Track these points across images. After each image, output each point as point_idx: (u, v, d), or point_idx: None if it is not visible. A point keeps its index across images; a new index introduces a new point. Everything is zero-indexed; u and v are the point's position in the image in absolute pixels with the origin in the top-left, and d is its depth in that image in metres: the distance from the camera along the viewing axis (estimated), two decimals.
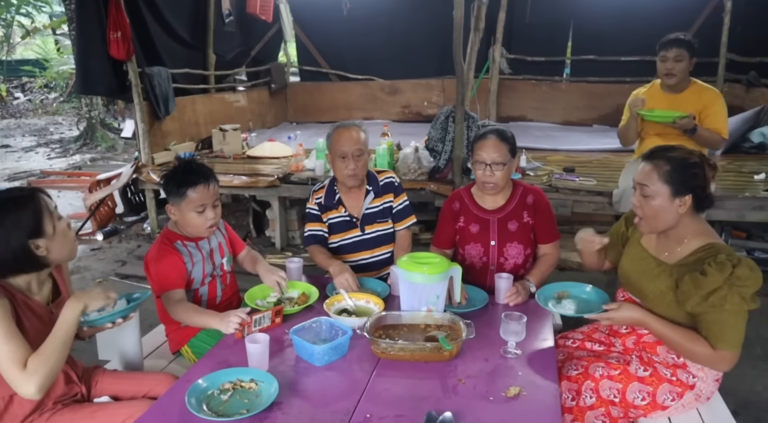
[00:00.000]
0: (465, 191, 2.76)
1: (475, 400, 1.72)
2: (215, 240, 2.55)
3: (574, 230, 4.99)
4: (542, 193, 2.71)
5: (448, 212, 2.76)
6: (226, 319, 2.10)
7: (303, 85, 8.80)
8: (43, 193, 1.82)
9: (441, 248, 2.77)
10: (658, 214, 1.97)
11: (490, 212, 2.66)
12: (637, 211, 2.04)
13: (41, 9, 14.28)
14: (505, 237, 2.63)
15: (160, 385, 2.03)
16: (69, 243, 1.86)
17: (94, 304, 1.79)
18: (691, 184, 1.92)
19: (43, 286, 1.90)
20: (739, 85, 6.53)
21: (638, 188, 2.01)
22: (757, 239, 4.63)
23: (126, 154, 9.81)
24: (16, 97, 16.28)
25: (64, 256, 1.87)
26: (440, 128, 4.85)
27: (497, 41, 7.24)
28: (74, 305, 1.75)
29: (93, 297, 1.79)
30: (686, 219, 1.97)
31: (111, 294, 1.85)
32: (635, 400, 1.99)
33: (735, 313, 1.85)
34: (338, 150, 2.71)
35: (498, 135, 2.56)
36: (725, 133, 3.39)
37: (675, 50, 3.33)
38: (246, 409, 1.66)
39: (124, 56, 5.09)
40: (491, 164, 2.52)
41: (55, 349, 1.70)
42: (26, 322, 1.77)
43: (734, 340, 1.87)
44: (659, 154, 1.99)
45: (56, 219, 1.81)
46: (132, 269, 4.87)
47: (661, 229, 2.02)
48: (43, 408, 1.87)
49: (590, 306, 2.13)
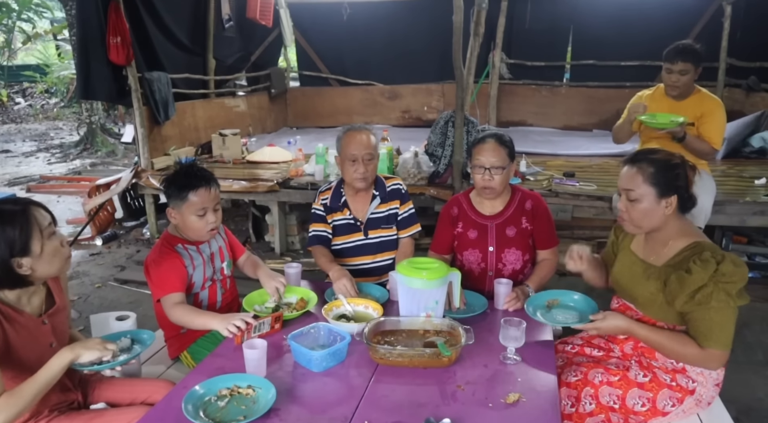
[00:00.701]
0: (463, 196, 2.75)
1: (474, 406, 1.70)
2: (216, 244, 2.54)
3: (574, 235, 5.00)
4: (541, 199, 2.70)
5: (446, 217, 2.75)
6: (226, 321, 2.10)
7: (303, 90, 8.82)
8: (37, 208, 1.75)
9: (439, 253, 2.76)
10: (645, 217, 1.98)
11: (489, 218, 2.65)
12: (623, 215, 2.05)
13: (42, 14, 14.36)
14: (504, 243, 2.62)
15: (157, 391, 2.01)
16: (58, 261, 1.78)
17: (87, 356, 1.74)
18: (675, 185, 1.94)
19: (34, 296, 1.86)
20: (739, 90, 6.54)
21: (623, 193, 2.02)
22: (758, 244, 4.62)
23: (126, 159, 9.81)
24: (17, 102, 16.31)
25: (51, 274, 1.80)
26: (440, 133, 4.85)
27: (497, 46, 7.25)
28: (65, 356, 1.72)
29: (88, 348, 1.75)
30: (672, 220, 1.99)
31: (109, 346, 1.79)
32: (635, 407, 1.98)
33: (721, 309, 1.84)
34: (348, 153, 2.70)
35: (497, 139, 2.56)
36: (717, 144, 3.43)
37: (681, 64, 3.34)
38: (243, 415, 1.65)
39: (123, 61, 5.09)
40: (490, 168, 2.51)
41: (30, 393, 1.66)
42: (14, 338, 1.74)
43: (722, 338, 1.86)
44: (641, 157, 2.01)
45: (46, 237, 1.74)
46: (131, 274, 4.85)
47: (647, 230, 2.03)
48: (39, 416, 1.86)
49: (579, 316, 2.13)
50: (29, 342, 1.75)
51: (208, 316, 2.23)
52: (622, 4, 7.16)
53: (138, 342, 2.04)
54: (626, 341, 2.13)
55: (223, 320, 2.12)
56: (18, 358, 1.75)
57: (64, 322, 1.98)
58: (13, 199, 1.79)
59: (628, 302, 2.13)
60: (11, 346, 1.72)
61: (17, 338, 1.75)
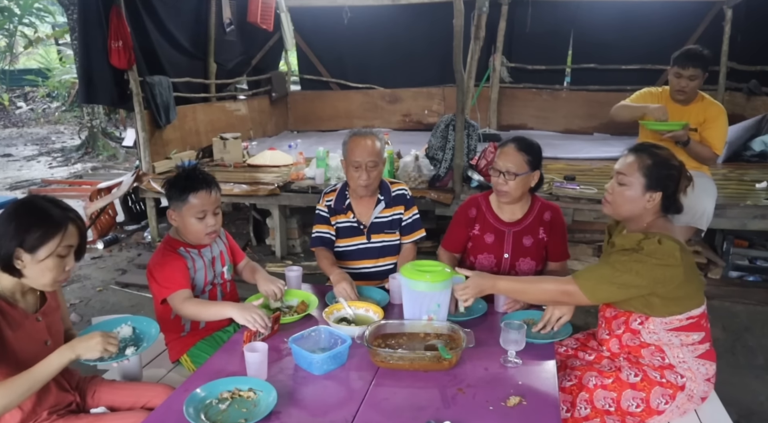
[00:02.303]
0: (483, 198, 2.72)
1: (475, 409, 1.70)
2: (217, 248, 2.55)
3: (574, 238, 5.00)
4: (559, 211, 2.68)
5: (462, 217, 2.72)
6: (245, 311, 2.10)
7: (303, 93, 8.82)
8: (73, 225, 1.76)
9: (450, 251, 2.75)
10: (626, 204, 2.05)
11: (507, 224, 2.63)
12: (607, 196, 2.12)
13: (44, 19, 14.40)
14: (519, 251, 2.61)
15: (158, 396, 2.01)
16: (48, 278, 1.75)
17: (88, 355, 1.73)
18: (664, 183, 2.00)
19: (29, 294, 1.86)
20: (739, 94, 6.54)
21: (615, 176, 2.09)
22: (759, 248, 4.61)
23: (127, 162, 9.82)
24: (19, 106, 16.33)
25: (36, 284, 1.78)
26: (440, 137, 4.85)
27: (498, 50, 7.26)
28: (65, 354, 1.71)
29: (90, 348, 1.73)
30: (650, 217, 2.04)
31: (110, 346, 1.76)
32: (630, 408, 1.98)
33: (612, 267, 1.92)
34: (353, 160, 2.68)
35: (517, 144, 2.53)
36: (719, 149, 3.45)
37: (691, 70, 3.35)
38: (244, 418, 1.65)
39: (125, 65, 5.10)
40: (504, 173, 2.50)
41: (23, 386, 1.66)
42: (7, 331, 1.74)
43: (590, 278, 1.97)
44: (645, 148, 2.08)
45: (57, 252, 1.73)
46: (132, 278, 4.86)
47: (624, 216, 2.10)
48: (36, 417, 1.85)
49: None
50: (23, 337, 1.75)
51: (223, 304, 2.24)
52: (622, 7, 7.16)
53: (141, 332, 2.05)
54: (609, 339, 2.13)
55: (241, 309, 2.13)
56: (12, 353, 1.75)
57: (58, 321, 1.98)
58: (63, 205, 1.80)
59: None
60: (5, 339, 1.72)
61: (10, 332, 1.75)
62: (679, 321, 1.97)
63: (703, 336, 2.02)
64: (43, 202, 1.77)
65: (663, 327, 1.98)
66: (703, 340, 2.02)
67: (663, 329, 1.98)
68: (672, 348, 2.00)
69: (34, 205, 1.76)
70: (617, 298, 1.99)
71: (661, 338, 1.99)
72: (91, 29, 5.07)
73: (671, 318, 1.97)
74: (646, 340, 2.02)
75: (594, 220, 4.50)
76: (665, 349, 2.01)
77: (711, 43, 6.21)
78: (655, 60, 6.99)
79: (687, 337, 1.99)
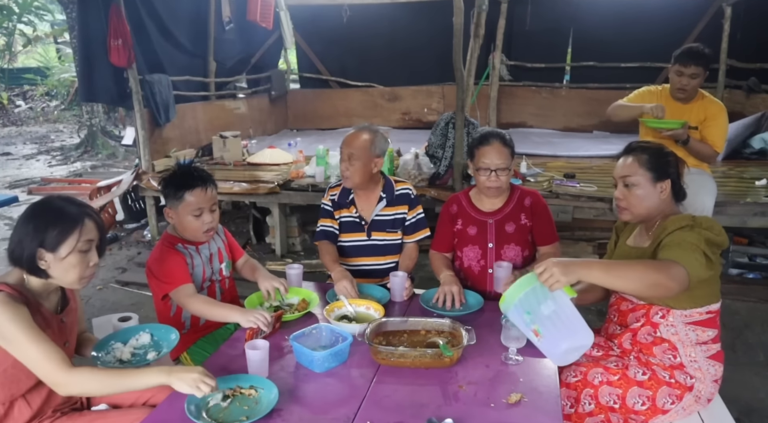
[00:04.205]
0: (463, 195, 2.77)
1: (476, 406, 1.70)
2: (215, 245, 2.55)
3: (574, 236, 5.00)
4: (539, 196, 2.72)
5: (446, 216, 2.77)
6: (249, 314, 2.12)
7: (303, 92, 8.82)
8: (90, 220, 1.76)
9: (440, 252, 2.77)
10: (643, 202, 2.06)
11: (488, 214, 2.67)
12: (620, 203, 2.12)
13: (43, 17, 14.35)
14: (503, 239, 2.64)
15: (159, 393, 2.00)
16: (75, 274, 1.76)
17: (179, 386, 1.67)
18: (668, 171, 2.05)
19: (52, 294, 1.87)
20: (739, 92, 6.54)
21: (620, 181, 2.11)
22: (759, 245, 4.62)
23: (126, 161, 9.82)
24: (18, 105, 16.31)
25: (63, 282, 1.80)
26: (440, 135, 4.85)
27: (497, 48, 7.25)
28: (161, 377, 1.68)
29: (184, 380, 1.66)
30: (665, 207, 2.06)
31: (204, 387, 1.65)
32: (635, 406, 1.98)
33: (692, 248, 1.83)
34: (340, 151, 2.76)
35: (500, 140, 2.57)
36: (720, 147, 3.45)
37: (693, 68, 3.35)
38: (245, 416, 1.65)
39: (124, 63, 5.10)
40: (496, 170, 2.53)
41: (108, 381, 1.70)
42: (47, 331, 1.75)
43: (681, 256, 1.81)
44: (634, 146, 2.13)
45: (79, 248, 1.73)
46: (132, 276, 4.86)
47: (645, 216, 2.09)
48: (42, 415, 1.86)
49: None
50: (51, 338, 1.76)
51: (229, 308, 2.26)
52: (622, 5, 7.17)
53: (159, 338, 2.09)
54: (623, 334, 2.13)
55: (244, 314, 2.15)
56: None
57: (75, 322, 1.99)
58: (78, 202, 1.80)
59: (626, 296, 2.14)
60: None
61: (47, 332, 1.75)
62: (699, 314, 1.98)
63: (716, 334, 2.03)
64: (58, 201, 1.78)
65: (683, 320, 1.99)
66: (715, 338, 2.03)
67: (682, 322, 1.99)
68: (685, 346, 2.00)
69: (50, 204, 1.77)
70: (707, 274, 1.86)
71: (678, 332, 1.99)
72: (91, 27, 5.08)
73: (692, 311, 1.98)
74: (662, 334, 2.01)
75: (594, 218, 4.50)
76: (678, 347, 2.00)
77: (710, 41, 6.21)
78: (655, 58, 6.98)
79: (703, 332, 2.00)
